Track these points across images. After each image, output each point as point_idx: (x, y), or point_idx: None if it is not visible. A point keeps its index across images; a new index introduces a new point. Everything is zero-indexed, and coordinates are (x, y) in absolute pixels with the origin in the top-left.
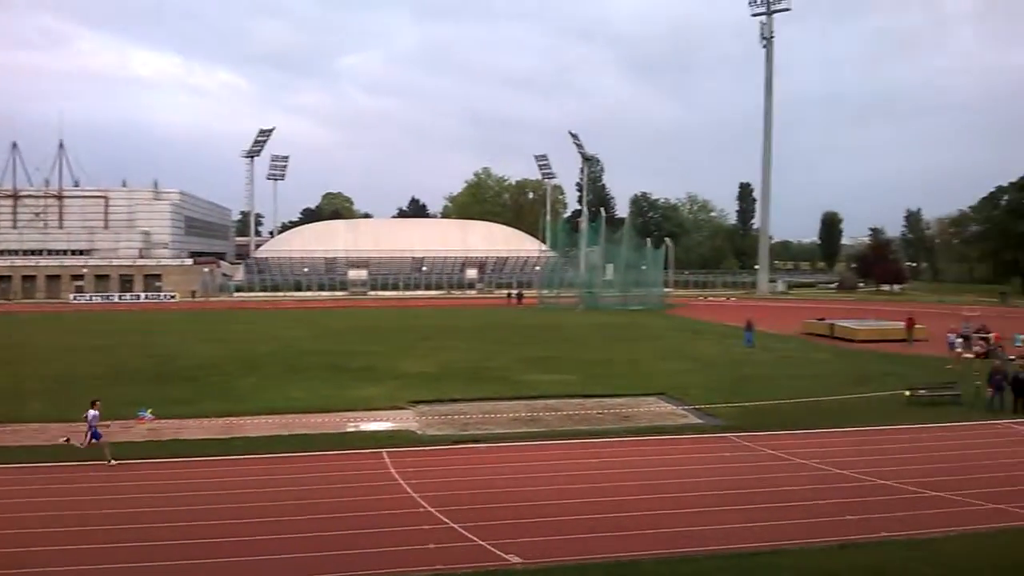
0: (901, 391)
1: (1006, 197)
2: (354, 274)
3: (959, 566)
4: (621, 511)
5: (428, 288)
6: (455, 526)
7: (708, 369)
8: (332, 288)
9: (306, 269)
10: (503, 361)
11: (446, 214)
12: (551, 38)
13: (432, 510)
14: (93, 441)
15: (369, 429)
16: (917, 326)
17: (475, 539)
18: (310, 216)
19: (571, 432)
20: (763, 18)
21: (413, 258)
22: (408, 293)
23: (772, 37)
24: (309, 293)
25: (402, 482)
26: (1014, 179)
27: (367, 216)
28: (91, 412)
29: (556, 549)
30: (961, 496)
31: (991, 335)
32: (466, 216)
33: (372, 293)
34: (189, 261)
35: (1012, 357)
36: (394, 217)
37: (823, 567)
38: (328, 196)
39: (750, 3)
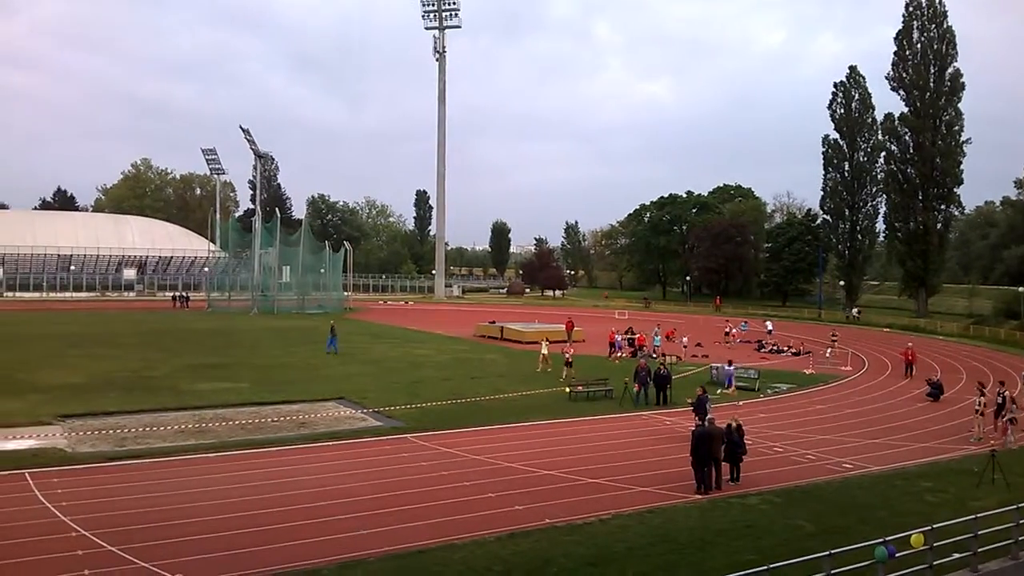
0: (563, 388)
1: (648, 214)
2: None
3: (610, 546)
4: (295, 520)
5: (78, 289)
6: (113, 549)
7: (387, 372)
8: None
9: None
10: (167, 369)
11: (99, 207)
12: (215, 24)
13: (86, 533)
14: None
15: (7, 448)
16: (576, 328)
17: (137, 561)
18: None
19: (244, 442)
20: (436, 32)
21: (59, 255)
22: (54, 295)
23: (445, 52)
24: None
25: (49, 505)
26: (655, 198)
27: (2, 207)
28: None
29: (226, 566)
30: (613, 482)
31: (637, 336)
32: (123, 210)
33: (7, 295)
34: None
35: (655, 355)
36: (36, 209)
37: (494, 557)
38: None
39: (423, 16)
